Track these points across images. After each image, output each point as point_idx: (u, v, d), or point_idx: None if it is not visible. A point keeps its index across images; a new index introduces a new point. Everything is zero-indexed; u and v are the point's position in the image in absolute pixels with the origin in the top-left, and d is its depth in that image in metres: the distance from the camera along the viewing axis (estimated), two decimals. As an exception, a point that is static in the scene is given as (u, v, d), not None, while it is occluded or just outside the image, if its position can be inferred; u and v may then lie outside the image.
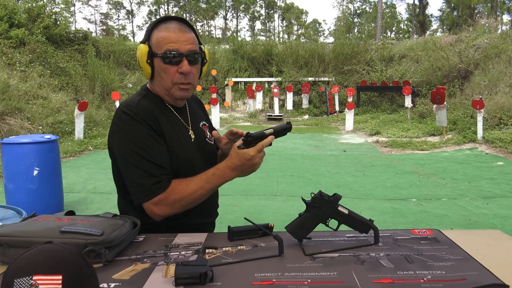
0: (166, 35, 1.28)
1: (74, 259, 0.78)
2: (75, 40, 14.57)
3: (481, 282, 0.93)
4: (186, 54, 1.28)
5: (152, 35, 1.30)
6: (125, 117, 1.26)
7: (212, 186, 1.28)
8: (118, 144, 1.28)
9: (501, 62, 12.10)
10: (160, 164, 1.26)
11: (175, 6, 53.74)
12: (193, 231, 1.32)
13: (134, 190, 1.27)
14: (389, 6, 50.78)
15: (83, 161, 7.28)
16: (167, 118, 1.34)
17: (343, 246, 1.17)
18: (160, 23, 1.31)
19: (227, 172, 1.28)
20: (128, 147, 1.25)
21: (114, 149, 1.30)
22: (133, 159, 1.24)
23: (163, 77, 1.31)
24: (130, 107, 1.28)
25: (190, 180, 1.28)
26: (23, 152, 4.05)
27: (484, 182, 5.58)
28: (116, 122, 1.29)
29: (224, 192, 5.39)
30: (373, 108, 14.61)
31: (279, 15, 60.07)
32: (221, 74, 16.70)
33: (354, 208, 1.35)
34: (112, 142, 1.31)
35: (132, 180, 1.26)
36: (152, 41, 1.30)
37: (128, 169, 1.26)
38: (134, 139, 1.25)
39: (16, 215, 2.24)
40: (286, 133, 1.32)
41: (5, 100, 8.74)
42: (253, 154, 1.25)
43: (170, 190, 1.25)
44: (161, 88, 1.34)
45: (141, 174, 1.24)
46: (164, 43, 1.27)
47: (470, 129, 8.88)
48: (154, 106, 1.32)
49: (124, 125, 1.27)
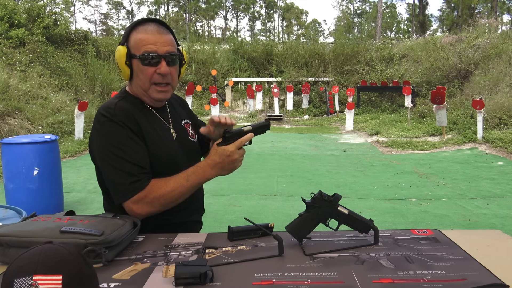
0: (144, 37, 1.30)
1: (74, 259, 0.78)
2: (75, 40, 14.57)
3: (481, 282, 0.93)
4: (164, 55, 1.31)
5: (130, 37, 1.32)
6: (103, 119, 1.29)
7: (191, 184, 1.29)
8: (98, 146, 1.30)
9: (501, 62, 12.10)
10: (138, 163, 1.27)
11: (175, 6, 53.76)
12: (179, 230, 1.33)
13: (114, 190, 1.28)
14: (389, 6, 50.79)
15: (83, 161, 7.27)
16: (147, 119, 1.36)
17: (343, 246, 1.17)
18: (138, 25, 1.33)
19: (207, 170, 1.29)
20: (107, 148, 1.27)
21: (95, 152, 1.32)
22: (112, 160, 1.26)
23: (141, 78, 1.32)
24: (108, 109, 1.30)
25: (169, 178, 1.29)
26: (23, 152, 4.05)
27: (484, 182, 5.58)
28: (95, 125, 1.32)
29: (224, 192, 5.43)
30: (373, 108, 14.60)
31: (279, 15, 60.08)
32: (221, 74, 16.69)
33: (354, 208, 1.35)
34: (93, 145, 1.33)
35: (112, 181, 1.28)
36: (130, 43, 1.31)
37: (108, 170, 1.28)
38: (112, 141, 1.27)
39: (16, 215, 2.24)
40: (265, 130, 1.35)
41: (5, 100, 8.74)
42: (232, 150, 1.27)
43: (149, 188, 1.27)
44: (139, 89, 1.36)
45: (119, 175, 1.25)
46: (142, 44, 1.29)
47: (470, 129, 8.88)
48: (133, 107, 1.34)
49: (102, 127, 1.29)
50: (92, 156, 1.36)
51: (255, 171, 6.22)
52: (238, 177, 5.66)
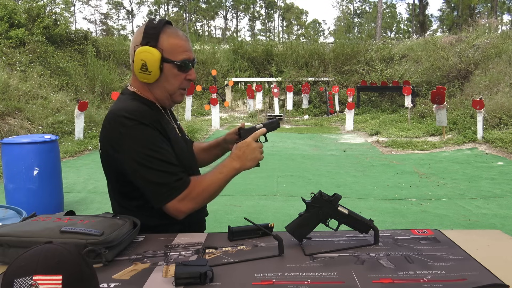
0: (181, 43, 1.32)
1: (74, 259, 0.78)
2: (75, 40, 14.57)
3: (481, 282, 0.93)
4: (194, 62, 1.37)
5: (161, 40, 1.29)
6: (131, 123, 1.24)
7: (225, 177, 1.34)
8: (127, 150, 1.25)
9: (501, 62, 12.10)
10: (176, 163, 1.28)
11: (175, 6, 53.76)
12: (186, 230, 1.34)
13: (157, 192, 1.25)
14: (389, 6, 50.79)
15: (83, 161, 7.28)
16: (163, 119, 1.37)
17: (343, 246, 1.17)
18: (164, 27, 1.31)
19: (233, 162, 1.35)
20: (141, 151, 1.24)
21: (120, 157, 1.27)
22: (151, 162, 1.24)
23: (173, 83, 1.34)
24: (132, 112, 1.26)
25: (204, 174, 1.35)
26: (23, 152, 4.05)
27: (484, 182, 5.58)
28: (118, 129, 1.26)
29: (224, 192, 5.35)
30: (373, 108, 14.60)
31: (279, 15, 60.08)
32: (221, 74, 16.70)
33: (354, 208, 1.35)
34: (117, 150, 1.28)
35: (155, 183, 1.24)
36: (164, 47, 1.29)
37: (147, 173, 1.24)
38: (146, 143, 1.24)
39: (16, 215, 2.24)
40: (276, 127, 1.48)
41: (5, 100, 8.74)
42: (249, 141, 1.36)
43: (192, 184, 1.28)
44: (164, 93, 1.35)
45: (162, 176, 1.24)
46: (181, 51, 1.31)
47: (470, 129, 8.88)
48: (151, 110, 1.34)
49: (131, 130, 1.24)
50: (111, 159, 1.31)
51: (255, 171, 6.19)
52: (238, 177, 5.61)
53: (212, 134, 10.70)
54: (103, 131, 1.31)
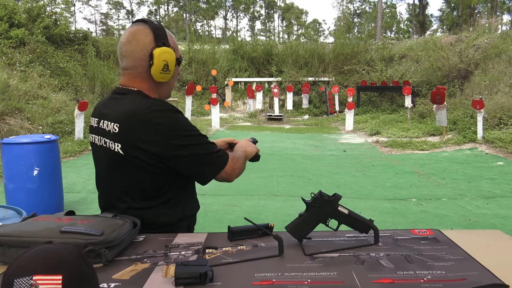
0: (175, 40, 1.38)
1: (74, 259, 0.78)
2: (75, 40, 14.57)
3: (481, 282, 0.93)
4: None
5: (168, 40, 1.34)
6: (169, 113, 1.28)
7: (246, 150, 1.51)
8: (176, 139, 1.26)
9: (501, 62, 12.10)
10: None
11: (175, 6, 53.76)
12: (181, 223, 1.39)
13: (213, 159, 1.33)
14: (389, 6, 50.80)
15: (83, 161, 7.27)
16: None
17: (343, 246, 1.17)
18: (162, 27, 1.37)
19: (244, 141, 1.57)
20: (189, 134, 1.30)
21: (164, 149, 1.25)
22: (198, 139, 1.31)
23: (175, 79, 1.44)
24: (163, 104, 1.30)
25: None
26: (23, 152, 4.05)
27: (484, 182, 5.58)
28: (157, 123, 1.24)
29: (224, 192, 5.42)
30: (373, 108, 14.60)
31: (279, 15, 60.08)
32: (221, 74, 16.69)
33: (354, 208, 1.35)
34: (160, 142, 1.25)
35: (209, 154, 1.32)
36: (171, 46, 1.34)
37: (199, 148, 1.31)
38: (187, 126, 1.31)
39: (16, 215, 2.24)
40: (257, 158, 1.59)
41: (5, 100, 8.74)
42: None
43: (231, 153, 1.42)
44: (168, 90, 1.43)
45: (211, 146, 1.34)
46: (177, 48, 1.38)
47: (470, 129, 8.88)
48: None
49: (170, 120, 1.27)
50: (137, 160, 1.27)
51: (255, 171, 6.21)
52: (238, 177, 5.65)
53: (212, 134, 10.70)
54: (129, 132, 1.26)
